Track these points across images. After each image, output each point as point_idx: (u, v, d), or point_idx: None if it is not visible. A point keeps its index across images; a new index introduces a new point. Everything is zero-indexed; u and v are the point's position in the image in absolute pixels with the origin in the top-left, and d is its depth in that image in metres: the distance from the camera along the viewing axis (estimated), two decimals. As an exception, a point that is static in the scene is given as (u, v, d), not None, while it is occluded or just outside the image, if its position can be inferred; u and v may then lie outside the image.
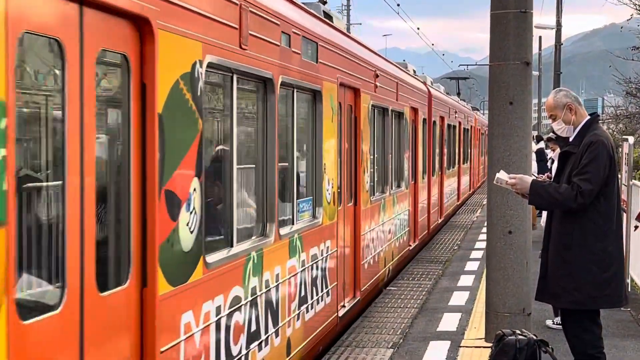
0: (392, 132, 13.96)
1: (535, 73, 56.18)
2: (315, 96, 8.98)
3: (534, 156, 15.44)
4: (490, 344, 9.28)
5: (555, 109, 6.91)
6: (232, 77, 6.42)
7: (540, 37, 60.10)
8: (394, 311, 11.42)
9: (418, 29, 43.96)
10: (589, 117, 6.88)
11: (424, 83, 19.56)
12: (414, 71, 19.11)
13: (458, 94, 29.25)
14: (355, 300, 10.92)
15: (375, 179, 12.71)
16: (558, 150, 10.64)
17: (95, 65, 4.37)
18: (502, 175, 6.91)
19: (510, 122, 9.19)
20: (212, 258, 5.89)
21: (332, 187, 9.55)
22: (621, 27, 27.71)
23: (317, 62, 8.86)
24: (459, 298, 12.29)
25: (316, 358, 9.03)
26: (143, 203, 4.89)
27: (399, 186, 14.80)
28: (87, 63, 4.29)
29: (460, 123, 27.91)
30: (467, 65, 71.46)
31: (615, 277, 6.65)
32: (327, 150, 9.28)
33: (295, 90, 8.24)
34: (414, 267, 15.51)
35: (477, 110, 47.26)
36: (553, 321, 10.12)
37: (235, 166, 6.49)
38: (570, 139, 6.86)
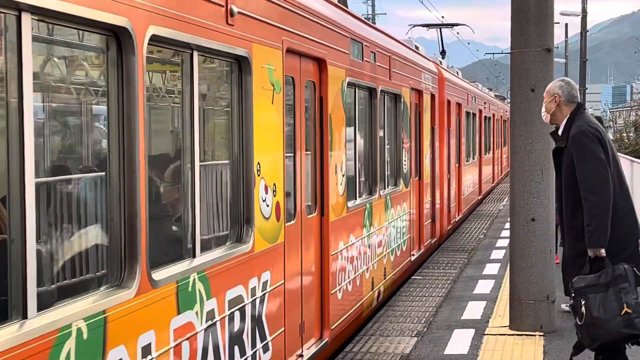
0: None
1: (562, 60, 55.89)
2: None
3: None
4: (514, 332, 9.30)
5: (546, 93, 6.97)
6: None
7: (566, 24, 59.78)
8: (418, 300, 11.44)
9: (442, 17, 43.77)
10: (574, 107, 6.83)
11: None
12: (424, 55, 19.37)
13: (442, 52, 27.21)
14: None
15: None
16: None
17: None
18: None
19: (532, 109, 9.15)
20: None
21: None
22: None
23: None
24: (484, 286, 12.28)
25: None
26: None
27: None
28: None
29: (480, 111, 28.53)
30: (494, 53, 70.99)
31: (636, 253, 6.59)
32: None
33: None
34: (439, 256, 15.52)
35: (504, 99, 46.97)
36: (567, 304, 10.05)
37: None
38: (560, 133, 6.84)
